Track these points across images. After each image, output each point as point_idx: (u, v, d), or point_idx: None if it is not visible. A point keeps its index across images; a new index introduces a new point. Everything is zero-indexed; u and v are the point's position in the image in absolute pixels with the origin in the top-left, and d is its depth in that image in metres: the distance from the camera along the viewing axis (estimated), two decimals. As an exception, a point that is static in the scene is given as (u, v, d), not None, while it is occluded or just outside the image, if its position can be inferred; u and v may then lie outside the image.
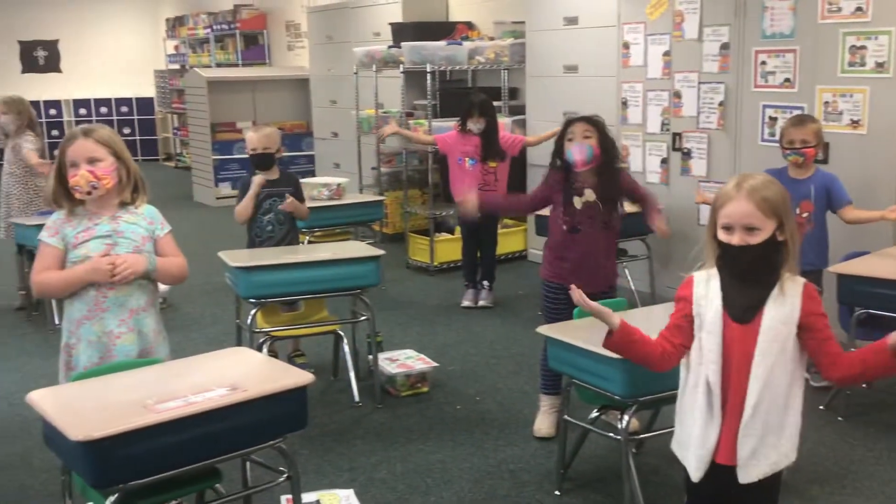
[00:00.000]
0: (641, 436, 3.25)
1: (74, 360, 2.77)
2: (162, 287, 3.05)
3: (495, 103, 6.85)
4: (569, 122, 3.56)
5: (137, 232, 2.80)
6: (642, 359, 2.25)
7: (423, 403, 4.08)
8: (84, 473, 2.21)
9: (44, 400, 2.34)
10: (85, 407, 2.32)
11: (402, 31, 7.32)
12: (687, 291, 2.20)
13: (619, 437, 2.88)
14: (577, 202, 3.52)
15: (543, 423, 3.65)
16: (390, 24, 7.60)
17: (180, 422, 2.20)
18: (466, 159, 5.54)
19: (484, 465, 3.42)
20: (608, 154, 3.53)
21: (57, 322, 5.25)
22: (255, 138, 4.39)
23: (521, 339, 4.95)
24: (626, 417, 2.84)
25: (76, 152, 2.73)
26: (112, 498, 2.18)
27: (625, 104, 5.80)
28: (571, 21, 6.19)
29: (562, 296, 3.43)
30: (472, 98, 5.62)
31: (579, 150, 3.46)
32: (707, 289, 2.16)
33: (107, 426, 2.12)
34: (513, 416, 3.89)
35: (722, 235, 2.11)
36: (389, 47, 7.04)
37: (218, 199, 9.70)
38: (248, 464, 2.82)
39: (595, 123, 3.53)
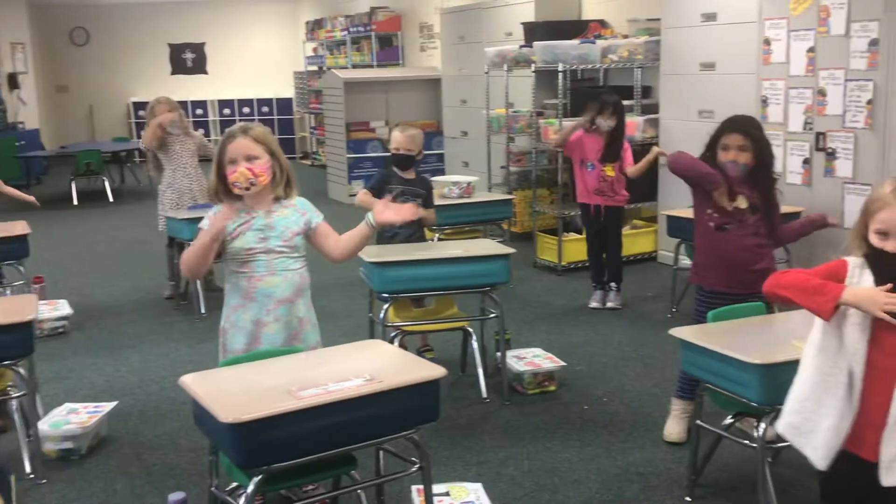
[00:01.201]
0: (778, 445, 3.15)
1: (228, 344, 2.95)
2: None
3: (627, 102, 6.80)
4: (725, 128, 3.45)
5: (289, 227, 2.94)
6: None
7: (550, 402, 4.09)
8: (231, 454, 2.33)
9: (195, 383, 2.48)
10: (232, 391, 2.46)
11: (534, 31, 7.33)
12: (841, 271, 2.12)
13: (754, 446, 2.80)
14: (728, 203, 3.44)
15: (674, 428, 3.59)
16: (522, 23, 7.62)
17: (321, 409, 2.29)
18: (587, 163, 5.52)
19: (612, 467, 3.40)
20: (764, 164, 3.44)
21: (203, 311, 5.55)
22: (399, 138, 4.46)
23: (649, 341, 4.88)
24: (762, 425, 2.76)
25: (235, 150, 2.89)
26: (256, 479, 2.30)
27: (765, 102, 5.61)
28: (710, 17, 6.04)
29: (714, 301, 3.36)
30: (605, 97, 5.58)
31: (733, 168, 3.39)
32: (860, 279, 2.09)
33: (253, 410, 2.23)
34: (641, 419, 3.84)
35: (875, 240, 2.05)
36: (521, 47, 7.07)
37: (351, 196, 9.96)
38: (381, 453, 2.91)
39: (751, 135, 3.41)
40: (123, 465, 3.54)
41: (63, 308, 5.43)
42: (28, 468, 3.42)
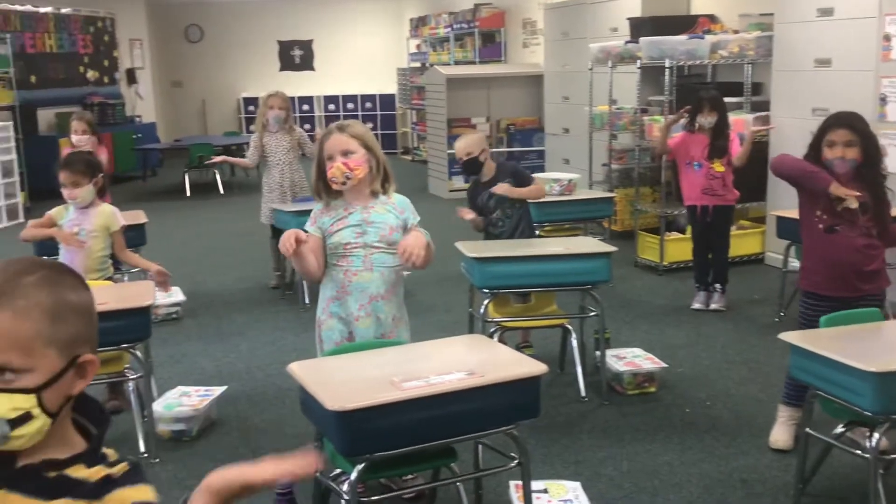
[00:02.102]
0: (892, 456, 3.03)
1: (324, 335, 3.03)
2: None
3: (736, 99, 6.63)
4: (830, 124, 3.33)
5: (387, 222, 2.99)
6: None
7: (650, 403, 4.03)
8: (336, 441, 2.40)
9: (302, 371, 2.56)
10: (338, 380, 2.53)
11: (640, 26, 7.21)
12: None
13: (866, 456, 2.70)
14: (837, 203, 3.31)
15: (781, 435, 3.49)
16: (629, 18, 7.51)
17: (423, 401, 2.34)
18: (693, 163, 5.40)
19: (714, 472, 3.33)
20: (872, 159, 3.30)
21: (307, 302, 5.70)
22: (458, 147, 4.50)
23: (755, 345, 4.75)
24: (875, 435, 2.65)
25: (332, 146, 2.96)
26: (359, 466, 2.36)
27: (883, 101, 5.37)
28: (826, 12, 5.81)
29: (821, 307, 3.24)
30: (701, 93, 5.47)
31: (841, 165, 3.27)
32: None
33: (358, 399, 2.29)
34: (745, 424, 3.75)
35: None
36: (626, 42, 6.97)
37: (451, 191, 10.05)
38: (479, 447, 2.94)
39: (858, 129, 3.28)
40: (232, 447, 3.68)
41: (176, 295, 5.67)
42: (142, 447, 3.59)
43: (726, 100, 5.70)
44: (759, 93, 6.86)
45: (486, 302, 3.99)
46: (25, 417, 1.20)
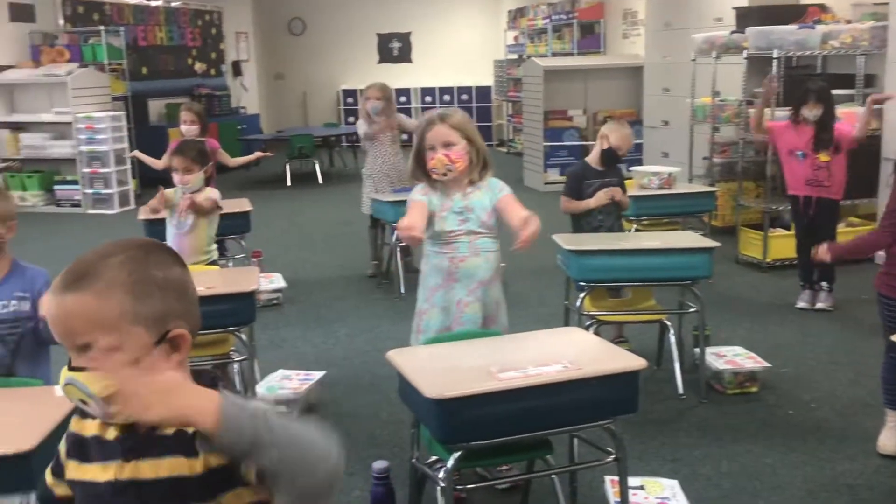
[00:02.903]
0: None
1: (425, 325, 3.06)
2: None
3: (847, 91, 6.38)
4: None
5: (485, 207, 3.01)
6: None
7: (751, 403, 3.93)
8: (434, 429, 2.43)
9: (400, 359, 2.60)
10: (436, 368, 2.56)
11: (747, 16, 7.02)
12: None
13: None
14: None
15: (890, 440, 3.35)
16: (735, 8, 7.31)
17: (520, 392, 2.34)
18: (797, 152, 5.21)
19: (818, 476, 3.23)
20: None
21: (402, 291, 5.77)
22: (616, 136, 4.41)
23: (862, 347, 4.57)
24: None
25: (434, 137, 2.99)
26: (456, 454, 2.38)
27: None
28: (948, -1, 5.53)
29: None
30: (808, 84, 5.26)
31: None
32: None
33: (456, 388, 2.32)
34: (852, 428, 3.62)
35: None
36: (732, 32, 6.79)
37: (546, 184, 9.99)
38: (575, 440, 2.93)
39: None
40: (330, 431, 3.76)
41: (278, 281, 5.83)
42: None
43: (836, 92, 5.49)
44: (871, 85, 6.57)
45: (582, 295, 3.96)
46: None
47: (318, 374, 4.16)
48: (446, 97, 15.74)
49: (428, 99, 15.78)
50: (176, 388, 1.21)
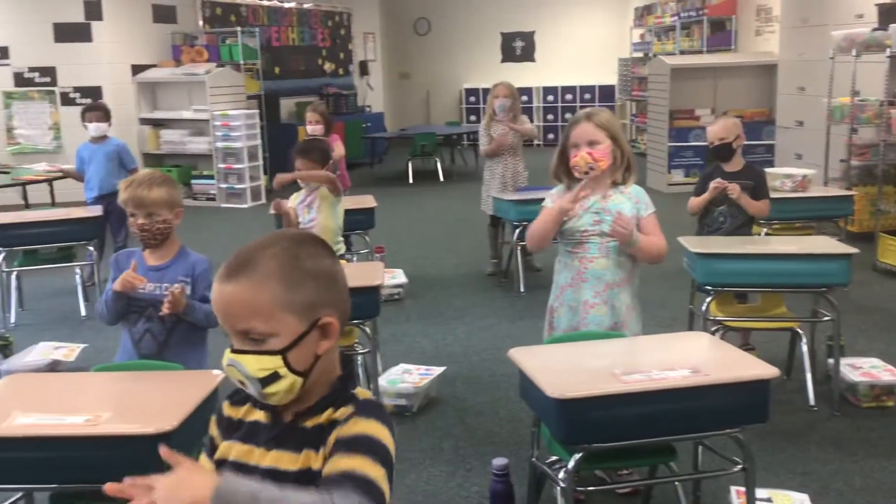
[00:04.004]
0: None
1: (556, 322, 3.05)
2: None
3: None
4: None
5: (623, 211, 2.95)
6: None
7: (888, 418, 3.74)
8: (554, 428, 2.42)
9: (523, 357, 2.59)
10: (559, 367, 2.54)
11: (891, 13, 6.66)
12: None
13: None
14: None
15: None
16: (877, 4, 6.94)
17: (644, 395, 2.30)
18: None
19: (962, 499, 3.04)
20: None
21: (522, 290, 5.77)
22: (711, 131, 4.34)
23: None
24: None
25: (578, 135, 2.97)
26: (577, 455, 2.37)
27: None
28: None
29: None
30: None
31: None
32: None
33: (579, 388, 2.30)
34: None
35: None
36: (874, 30, 6.47)
37: (670, 185, 9.77)
38: (700, 448, 2.86)
39: None
40: (449, 426, 3.81)
41: (399, 277, 5.94)
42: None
43: None
44: None
45: (708, 300, 3.85)
46: (273, 377, 1.33)
47: (438, 370, 4.21)
48: (568, 96, 15.61)
49: (550, 98, 15.70)
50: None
